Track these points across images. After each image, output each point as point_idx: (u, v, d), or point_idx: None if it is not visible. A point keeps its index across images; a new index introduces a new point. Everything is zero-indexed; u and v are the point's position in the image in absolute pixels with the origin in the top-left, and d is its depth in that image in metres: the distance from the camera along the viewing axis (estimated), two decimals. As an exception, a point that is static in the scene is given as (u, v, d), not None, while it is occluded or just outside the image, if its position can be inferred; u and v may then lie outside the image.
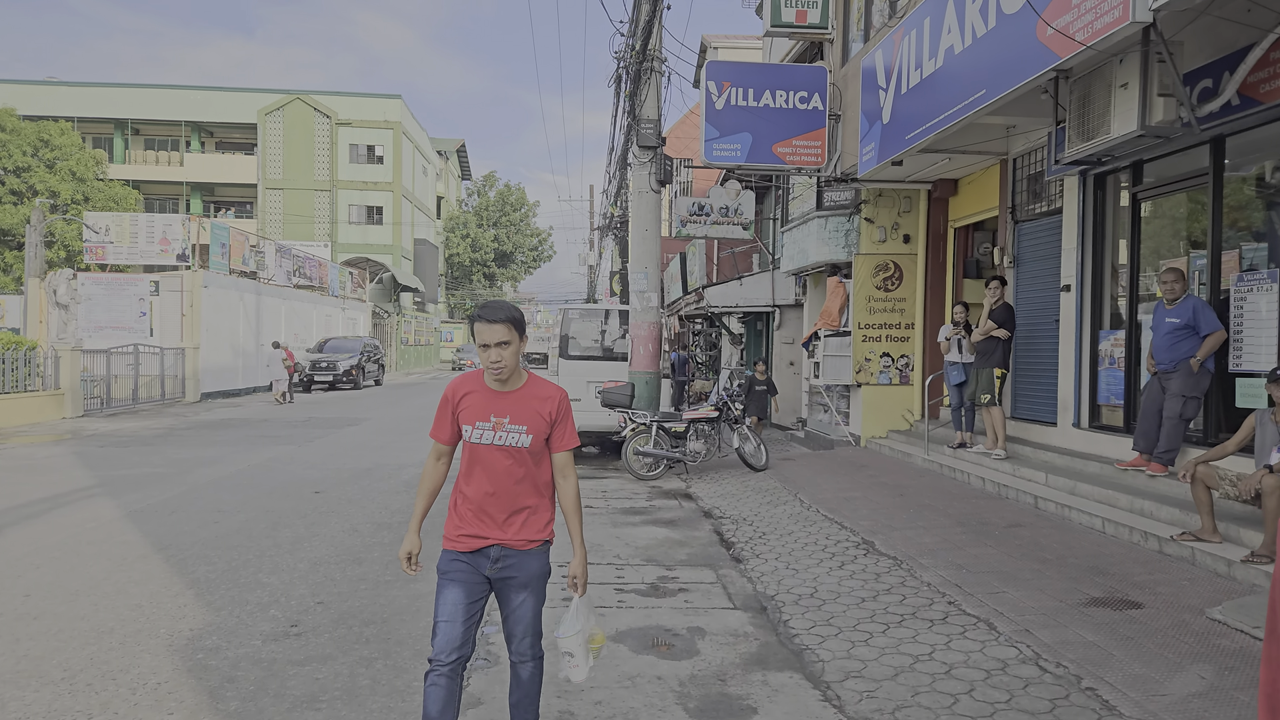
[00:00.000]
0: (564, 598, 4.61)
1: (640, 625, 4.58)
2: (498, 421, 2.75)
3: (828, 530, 6.68)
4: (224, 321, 23.06)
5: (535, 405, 2.79)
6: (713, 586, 5.35)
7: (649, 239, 10.93)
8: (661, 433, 9.74)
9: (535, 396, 2.82)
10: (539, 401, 2.81)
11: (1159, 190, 7.26)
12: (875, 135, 8.86)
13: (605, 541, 6.57)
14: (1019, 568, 5.32)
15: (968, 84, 6.83)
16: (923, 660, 3.94)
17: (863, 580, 5.27)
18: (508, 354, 2.72)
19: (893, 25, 8.68)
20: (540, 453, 2.83)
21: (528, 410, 2.78)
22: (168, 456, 11.26)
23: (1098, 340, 7.82)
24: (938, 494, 7.77)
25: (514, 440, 2.76)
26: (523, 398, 2.80)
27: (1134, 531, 5.76)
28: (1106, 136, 5.83)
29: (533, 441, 2.76)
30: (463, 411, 2.80)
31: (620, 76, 11.63)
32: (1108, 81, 5.84)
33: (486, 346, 2.71)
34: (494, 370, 2.73)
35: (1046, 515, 6.71)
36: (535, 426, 2.77)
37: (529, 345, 32.47)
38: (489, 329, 2.70)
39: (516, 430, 2.76)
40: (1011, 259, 9.25)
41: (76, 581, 5.40)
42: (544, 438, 2.81)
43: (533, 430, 2.77)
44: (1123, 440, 7.21)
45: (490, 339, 2.70)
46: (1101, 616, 4.41)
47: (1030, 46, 5.88)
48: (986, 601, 4.71)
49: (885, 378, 11.21)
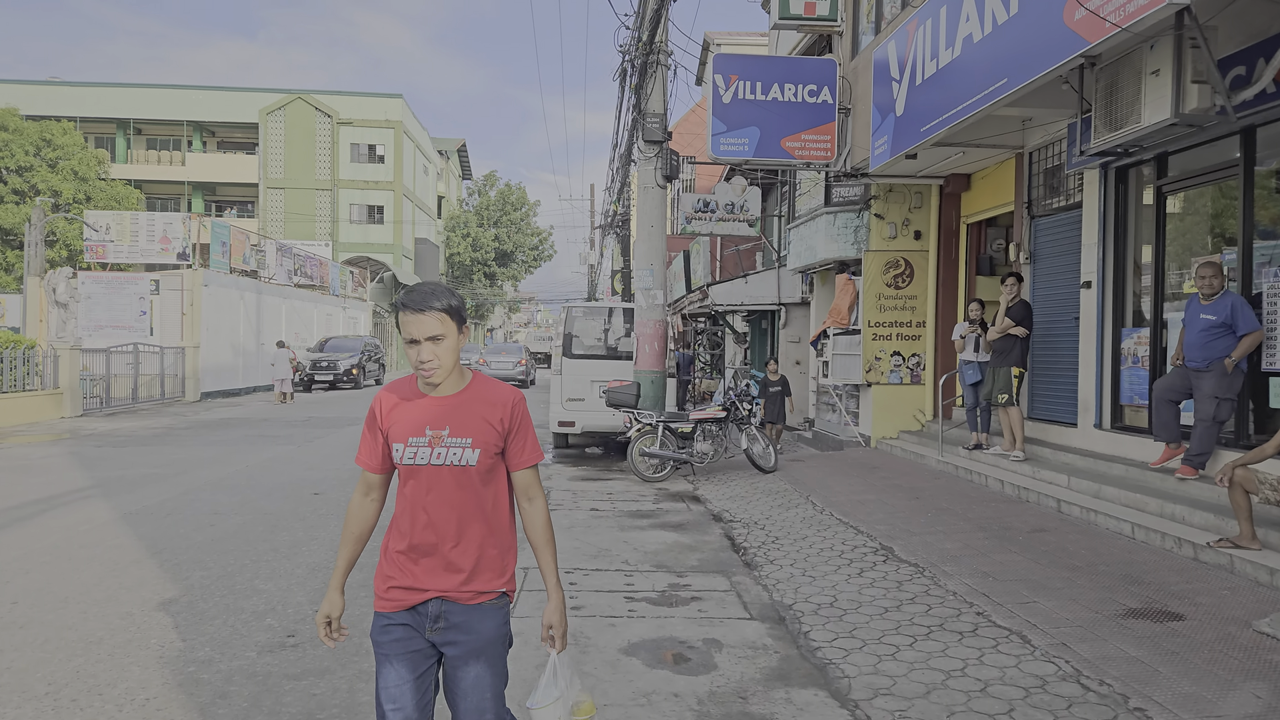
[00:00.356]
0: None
1: (653, 637, 4.36)
2: (435, 435, 2.21)
3: (843, 535, 6.46)
4: (224, 320, 22.86)
5: (482, 412, 2.24)
6: (727, 594, 5.14)
7: (654, 235, 10.71)
8: (668, 433, 9.53)
9: (482, 401, 2.26)
10: (487, 407, 2.25)
11: (1185, 183, 7.03)
12: (888, 128, 8.63)
13: (613, 546, 6.36)
14: (1048, 576, 5.10)
15: (987, 73, 6.60)
16: (955, 676, 3.72)
17: (884, 589, 5.04)
18: (443, 350, 2.18)
19: (906, 15, 8.45)
20: (492, 472, 2.26)
21: (472, 419, 2.23)
22: (165, 457, 11.06)
23: (1120, 338, 7.59)
24: (955, 497, 7.55)
25: (456, 457, 2.20)
26: (465, 403, 2.25)
27: (1166, 538, 5.54)
28: (1136, 126, 5.60)
29: (480, 457, 2.21)
30: (392, 426, 2.24)
31: (625, 70, 11.41)
32: (1137, 68, 5.61)
33: (415, 342, 2.16)
34: (426, 372, 2.18)
35: (1071, 520, 6.48)
36: (483, 438, 2.22)
37: (531, 345, 32.49)
38: (417, 320, 2.16)
39: (459, 444, 2.21)
40: (1028, 255, 9.02)
41: (66, 588, 5.19)
42: (495, 452, 2.25)
43: (480, 443, 2.22)
44: (1148, 442, 6.99)
45: (419, 333, 2.16)
46: (1141, 629, 4.18)
47: (1056, 32, 5.65)
48: (1017, 612, 4.48)
49: (896, 377, 10.98)
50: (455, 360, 2.25)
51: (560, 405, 11.30)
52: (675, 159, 10.42)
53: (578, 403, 11.27)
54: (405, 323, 2.17)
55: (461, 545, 2.24)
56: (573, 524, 7.14)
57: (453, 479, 2.22)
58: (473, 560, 2.24)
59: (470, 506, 2.24)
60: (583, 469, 10.52)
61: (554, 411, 11.39)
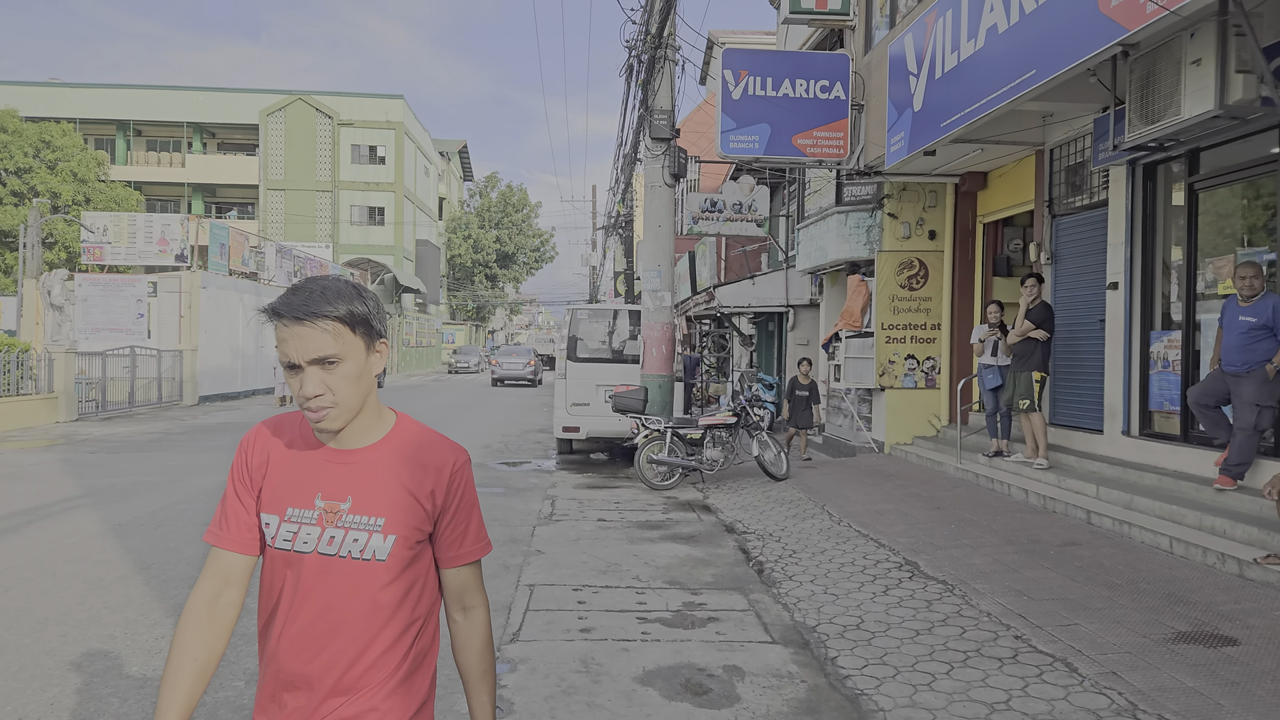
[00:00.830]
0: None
1: (669, 663, 4.07)
2: (329, 509, 1.47)
3: (863, 548, 6.17)
4: (223, 323, 22.59)
5: (406, 478, 1.50)
6: (745, 614, 4.85)
7: (662, 235, 10.43)
8: (676, 440, 9.24)
9: (407, 461, 1.52)
10: (414, 471, 1.51)
11: (1218, 180, 6.73)
12: (905, 124, 8.35)
13: (623, 560, 6.07)
14: (1086, 594, 4.80)
15: (1014, 65, 6.32)
16: (1000, 710, 3.43)
17: (913, 608, 4.75)
18: (340, 381, 1.42)
19: (924, 7, 8.17)
20: (411, 569, 1.51)
21: (390, 488, 1.49)
22: (160, 463, 10.78)
23: (1149, 341, 7.30)
24: (978, 507, 7.26)
25: (358, 546, 1.46)
26: (382, 463, 1.51)
27: (1208, 553, 5.24)
28: (1176, 118, 5.32)
29: (396, 547, 1.47)
30: (266, 488, 1.51)
31: (632, 66, 11.14)
32: (1176, 58, 5.33)
33: (295, 368, 1.42)
34: (314, 415, 1.43)
35: (1103, 532, 6.19)
36: (403, 519, 1.48)
37: (536, 345, 32.00)
38: (297, 335, 1.41)
39: (365, 526, 1.47)
40: (1049, 255, 8.73)
41: (47, 607, 4.91)
42: (419, 540, 1.51)
43: (397, 525, 1.48)
44: (1181, 449, 6.70)
45: (300, 354, 1.40)
46: (1194, 655, 3.89)
47: (1090, 20, 5.37)
48: (1059, 636, 4.19)
49: (910, 381, 10.69)
50: (364, 394, 1.47)
51: (565, 410, 11.01)
52: (683, 156, 10.14)
53: (582, 407, 10.98)
54: (280, 339, 1.43)
55: (353, 680, 1.46)
56: (580, 536, 6.85)
57: (350, 578, 1.46)
58: (368, 698, 1.46)
59: (373, 621, 1.47)
60: (588, 476, 10.23)
61: (558, 416, 11.11)
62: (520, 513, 7.82)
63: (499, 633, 4.48)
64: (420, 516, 1.51)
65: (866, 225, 11.11)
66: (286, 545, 1.48)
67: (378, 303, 1.52)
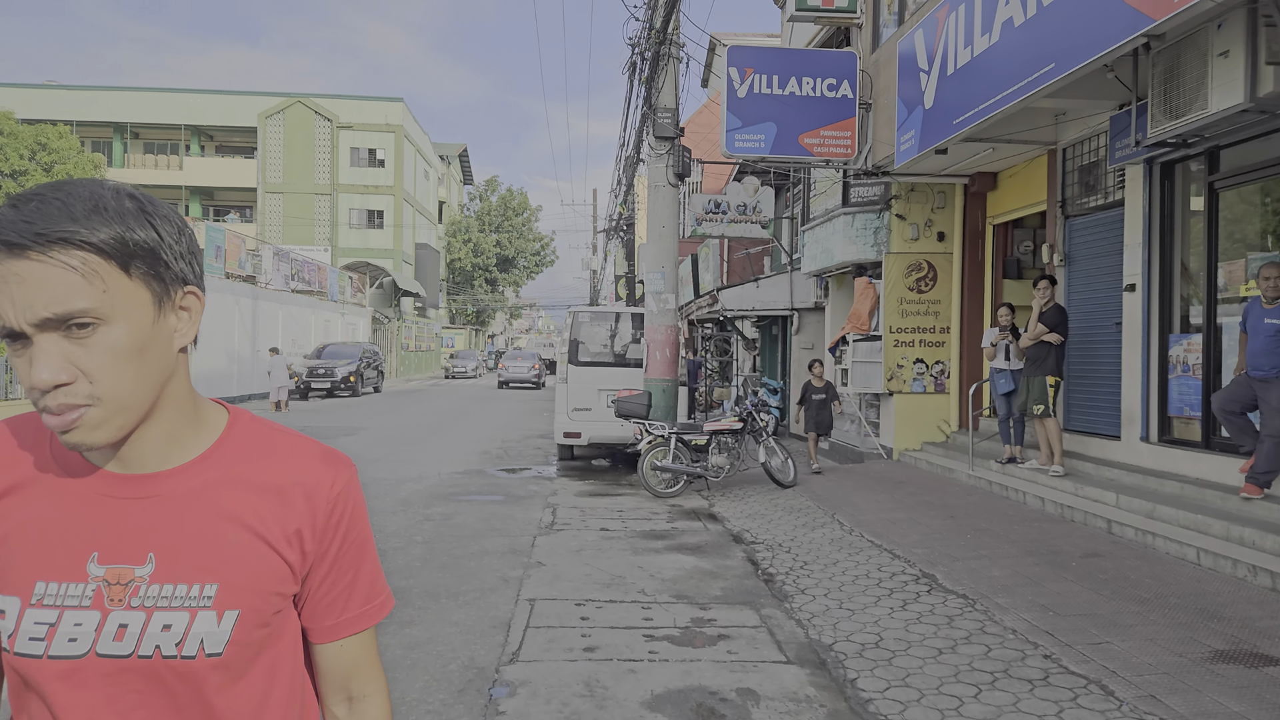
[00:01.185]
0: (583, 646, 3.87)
1: (679, 686, 3.85)
2: (114, 578, 0.88)
3: (877, 559, 5.94)
4: (219, 327, 22.38)
5: (248, 512, 0.94)
6: (757, 631, 4.62)
7: (665, 236, 10.22)
8: (681, 446, 9.01)
9: (248, 484, 0.95)
10: (264, 500, 0.95)
11: (1240, 179, 6.53)
12: (915, 122, 8.15)
13: (627, 573, 5.84)
14: (1115, 610, 4.58)
15: (1031, 59, 6.11)
16: (1035, 739, 3.21)
17: (933, 625, 4.53)
18: (100, 357, 0.82)
19: (936, 2, 7.97)
20: (269, 655, 0.96)
21: (220, 531, 0.92)
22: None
23: (1168, 345, 7.09)
24: (993, 516, 7.04)
25: (172, 638, 0.89)
26: (204, 491, 0.93)
27: (1238, 565, 5.02)
28: (1203, 112, 5.11)
29: (240, 629, 0.91)
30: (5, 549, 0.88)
31: (635, 64, 10.94)
32: (1203, 50, 5.13)
33: (18, 337, 0.80)
34: (58, 419, 0.82)
35: (1125, 543, 5.97)
36: (250, 580, 0.92)
37: (537, 349, 31.95)
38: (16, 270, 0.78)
39: (181, 601, 0.89)
40: (1062, 257, 8.52)
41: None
42: (276, 610, 0.95)
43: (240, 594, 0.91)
44: (1203, 456, 6.48)
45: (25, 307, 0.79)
46: (1236, 677, 3.67)
47: (1114, 10, 5.16)
48: (1090, 655, 3.97)
49: (919, 385, 10.48)
50: (154, 383, 0.88)
51: (566, 415, 10.79)
52: (687, 156, 9.94)
53: (584, 412, 10.76)
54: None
55: None
56: (582, 546, 6.63)
57: (160, 692, 0.90)
58: None
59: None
60: (590, 483, 10.01)
61: (559, 421, 10.89)
62: (520, 522, 7.60)
63: (498, 652, 4.25)
64: (278, 575, 0.93)
65: (874, 227, 10.91)
66: (36, 650, 0.86)
67: (180, 227, 0.89)
